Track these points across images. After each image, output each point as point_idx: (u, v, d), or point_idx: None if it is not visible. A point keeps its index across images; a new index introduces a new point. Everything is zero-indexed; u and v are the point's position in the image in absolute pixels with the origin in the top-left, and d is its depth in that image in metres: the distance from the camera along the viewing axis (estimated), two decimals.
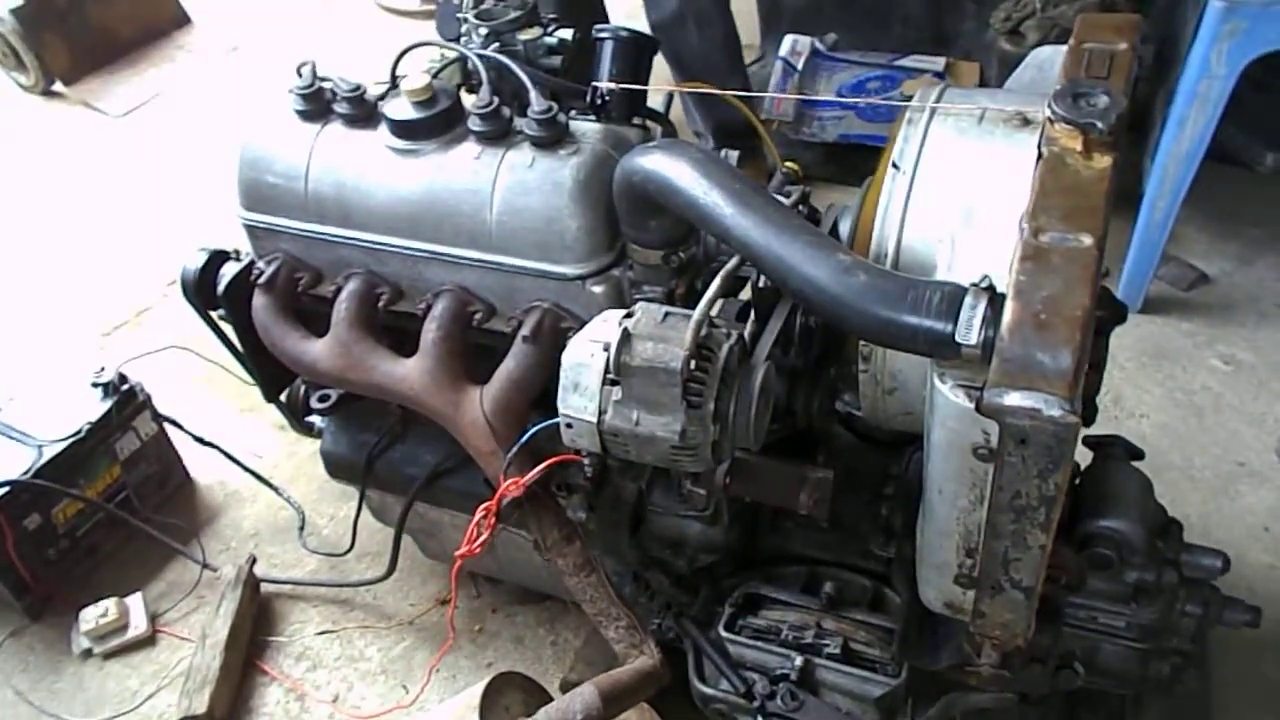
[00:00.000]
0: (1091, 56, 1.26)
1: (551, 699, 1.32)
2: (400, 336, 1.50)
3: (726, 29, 2.63)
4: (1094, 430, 2.04)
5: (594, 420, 1.13)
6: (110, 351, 2.63)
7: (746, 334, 1.17)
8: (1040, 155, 1.13)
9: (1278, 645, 1.78)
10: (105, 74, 2.76)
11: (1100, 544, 1.40)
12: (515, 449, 1.28)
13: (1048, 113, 1.14)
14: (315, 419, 1.80)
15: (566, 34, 1.54)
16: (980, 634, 1.24)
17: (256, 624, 1.99)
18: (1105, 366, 1.61)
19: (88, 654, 1.97)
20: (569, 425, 1.15)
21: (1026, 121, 1.21)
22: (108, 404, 2.07)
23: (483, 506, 1.27)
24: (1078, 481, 1.49)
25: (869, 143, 2.84)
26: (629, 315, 1.14)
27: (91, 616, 1.97)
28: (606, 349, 1.09)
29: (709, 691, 1.41)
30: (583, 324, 1.37)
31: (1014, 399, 0.98)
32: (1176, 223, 2.28)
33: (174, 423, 2.16)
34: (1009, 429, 1.00)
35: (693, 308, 1.12)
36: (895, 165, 1.20)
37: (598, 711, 1.21)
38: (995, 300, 1.00)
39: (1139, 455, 1.57)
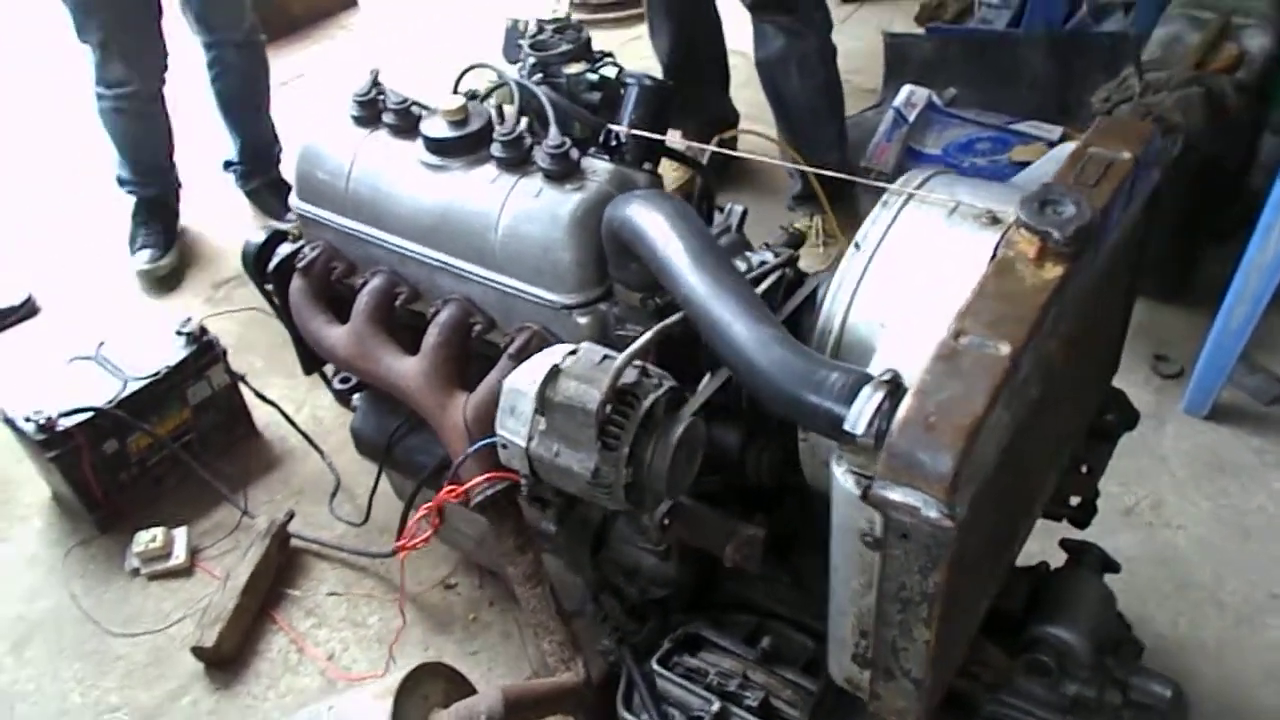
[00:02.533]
0: (1088, 162, 1.25)
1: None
2: (416, 335, 1.62)
3: (829, 76, 2.65)
4: (1122, 533, 1.99)
5: (524, 445, 1.20)
6: (215, 304, 2.88)
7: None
8: (994, 255, 1.13)
9: None
10: (269, 48, 3.01)
11: (1042, 650, 1.38)
12: (464, 458, 1.37)
13: (1013, 215, 1.14)
14: (354, 396, 1.94)
15: (610, 72, 1.62)
16: (878, 715, 1.25)
17: (280, 574, 2.15)
18: (1104, 472, 1.58)
19: (135, 573, 2.18)
20: (504, 446, 1.23)
21: (995, 220, 1.21)
22: (186, 352, 2.27)
23: (425, 506, 1.36)
24: (1040, 583, 1.47)
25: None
26: (572, 353, 1.21)
27: (142, 540, 2.17)
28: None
29: (628, 717, 1.46)
30: None
31: (896, 494, 1.00)
32: (1270, 331, 2.17)
33: (241, 378, 2.35)
34: (892, 523, 1.02)
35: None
36: (857, 245, 1.22)
37: (499, 716, 1.28)
38: (897, 394, 1.02)
39: (1113, 568, 1.53)
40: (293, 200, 1.69)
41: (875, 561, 1.07)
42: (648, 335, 1.18)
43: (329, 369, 1.91)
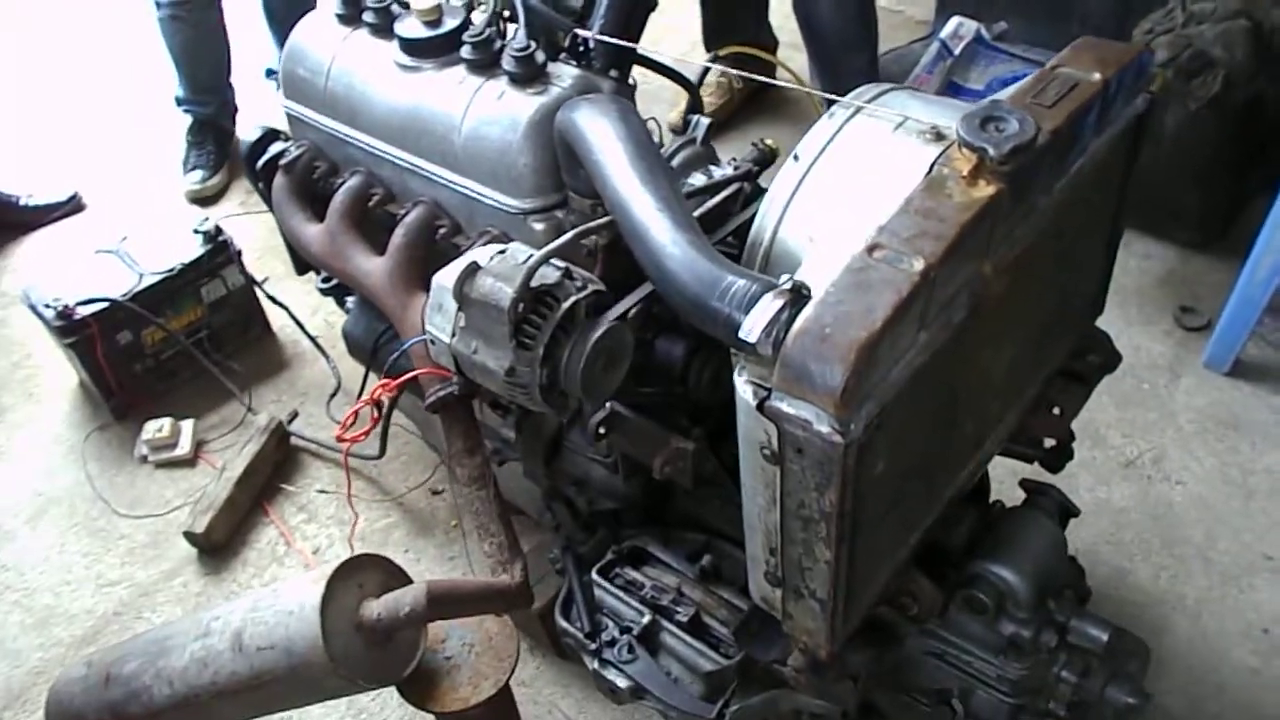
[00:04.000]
0: (1052, 82, 1.19)
1: None
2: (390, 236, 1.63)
3: (862, 4, 2.55)
4: (1118, 485, 1.93)
5: (448, 341, 1.20)
6: (248, 208, 2.94)
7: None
8: (930, 170, 1.09)
9: None
10: None
11: (981, 587, 1.35)
12: (397, 354, 1.38)
13: (954, 132, 1.10)
14: (348, 299, 1.98)
15: None
16: (790, 635, 1.24)
17: (279, 470, 2.22)
18: (1078, 413, 1.53)
19: (143, 459, 2.27)
20: (432, 342, 1.24)
21: (940, 136, 1.16)
22: (201, 250, 2.33)
23: (361, 400, 1.38)
24: (988, 520, 1.43)
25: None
26: (501, 252, 1.20)
27: (151, 430, 2.26)
28: None
29: (563, 624, 1.48)
30: None
31: (789, 406, 0.98)
32: None
33: (253, 280, 2.41)
34: (786, 436, 1.01)
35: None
36: (795, 156, 1.19)
37: (422, 609, 1.30)
38: (797, 304, 0.99)
39: (1072, 512, 1.49)
40: (279, 97, 1.71)
41: (775, 476, 1.06)
42: (566, 236, 1.18)
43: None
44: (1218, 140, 2.18)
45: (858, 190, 1.15)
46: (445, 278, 1.19)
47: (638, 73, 1.54)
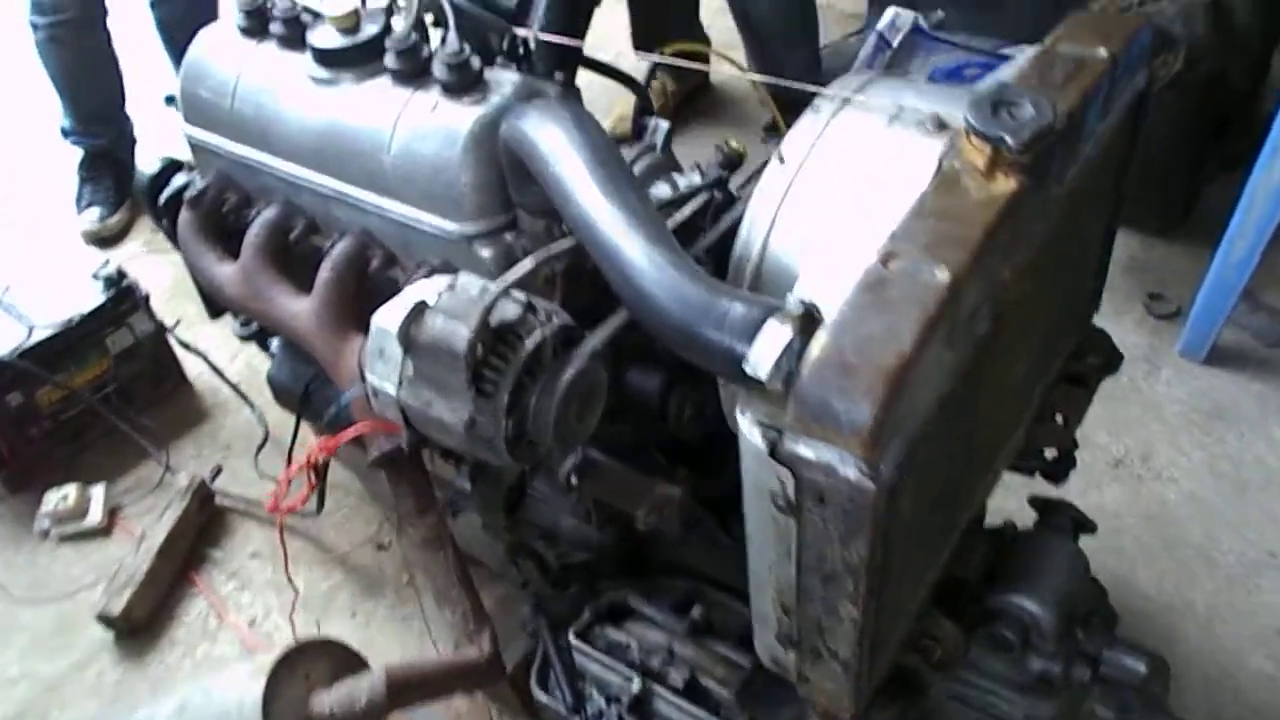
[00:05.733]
0: (1055, 61, 1.08)
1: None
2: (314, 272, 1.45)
3: None
4: (1108, 486, 1.83)
5: (394, 393, 1.04)
6: (153, 245, 2.71)
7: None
8: (938, 168, 0.96)
9: None
10: None
11: (1005, 623, 1.23)
12: (335, 410, 1.21)
13: (961, 120, 0.97)
14: (272, 341, 1.79)
15: None
16: (808, 699, 1.10)
17: (204, 534, 2.01)
18: (1080, 422, 1.42)
19: (45, 534, 2.04)
20: (375, 394, 1.07)
21: (942, 126, 1.03)
22: (103, 298, 2.11)
23: (297, 462, 1.21)
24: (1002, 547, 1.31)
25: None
26: (450, 287, 1.04)
27: (52, 500, 2.03)
28: None
29: (543, 698, 1.32)
30: None
31: (808, 449, 0.84)
32: (1275, 267, 1.99)
33: (163, 326, 2.19)
34: (804, 483, 0.86)
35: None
36: (781, 157, 1.05)
37: (381, 699, 1.13)
38: (809, 329, 0.85)
39: (1088, 528, 1.37)
40: (180, 124, 1.52)
41: (791, 528, 0.91)
42: (526, 262, 1.02)
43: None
44: (1178, 121, 2.11)
45: (856, 192, 1.01)
46: (387, 319, 1.02)
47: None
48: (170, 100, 3.03)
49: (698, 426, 1.22)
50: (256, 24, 1.43)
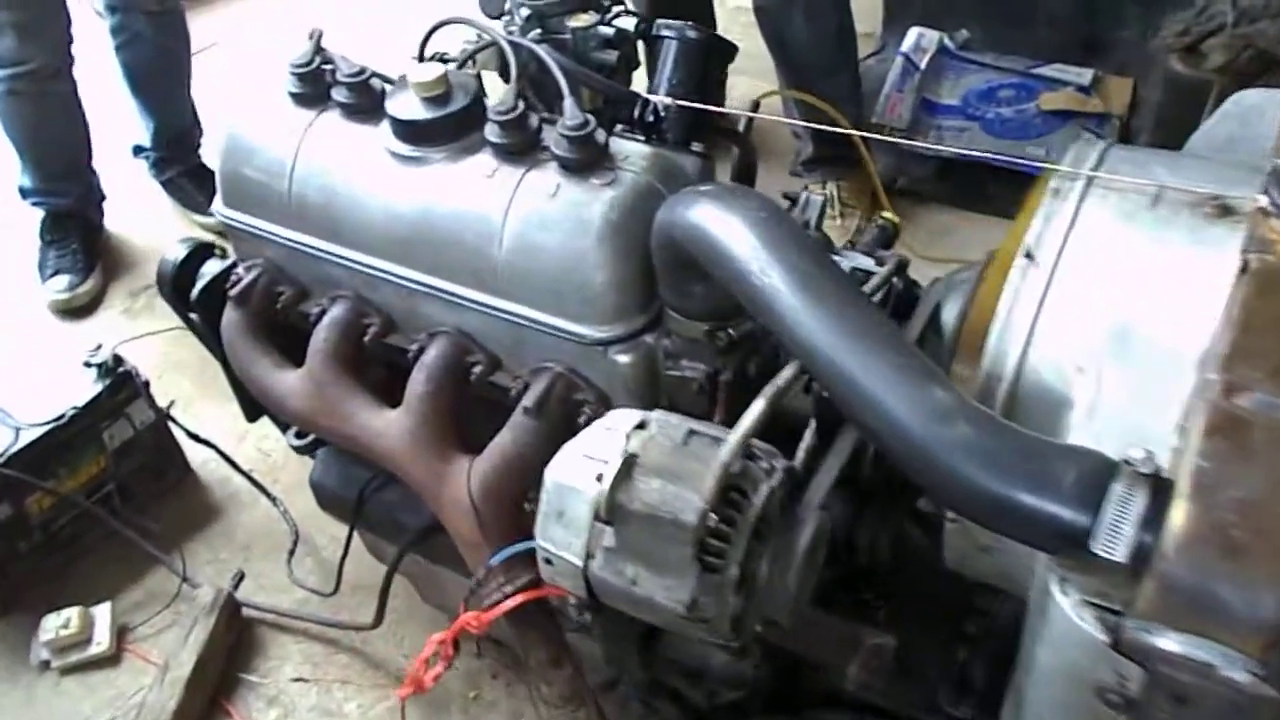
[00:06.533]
0: None
1: None
2: (395, 375, 1.24)
3: (840, 21, 2.28)
4: None
5: (579, 564, 0.84)
6: (133, 316, 2.45)
7: (798, 465, 0.86)
8: (1244, 266, 0.80)
9: None
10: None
11: None
12: (485, 572, 1.01)
13: (1260, 199, 0.81)
14: None
15: (628, 24, 1.24)
16: None
17: (232, 654, 1.77)
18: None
19: (45, 666, 1.78)
20: (548, 561, 0.87)
21: (1227, 211, 0.86)
22: (98, 388, 1.86)
23: (436, 638, 1.00)
24: None
25: (993, 162, 2.46)
26: (640, 427, 0.84)
27: (52, 626, 1.77)
28: (601, 478, 0.80)
29: None
30: (601, 400, 1.09)
31: (1173, 644, 0.67)
32: None
33: (166, 414, 1.94)
34: (1161, 681, 0.69)
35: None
36: (1029, 255, 0.87)
37: None
38: (1161, 492, 0.68)
39: None
40: (217, 207, 1.30)
41: None
42: (761, 405, 0.82)
43: None
44: None
45: (1133, 296, 0.84)
46: (573, 475, 0.83)
47: None
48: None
49: (893, 553, 1.04)
50: (313, 90, 1.22)
